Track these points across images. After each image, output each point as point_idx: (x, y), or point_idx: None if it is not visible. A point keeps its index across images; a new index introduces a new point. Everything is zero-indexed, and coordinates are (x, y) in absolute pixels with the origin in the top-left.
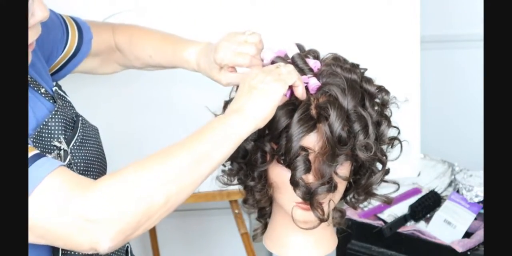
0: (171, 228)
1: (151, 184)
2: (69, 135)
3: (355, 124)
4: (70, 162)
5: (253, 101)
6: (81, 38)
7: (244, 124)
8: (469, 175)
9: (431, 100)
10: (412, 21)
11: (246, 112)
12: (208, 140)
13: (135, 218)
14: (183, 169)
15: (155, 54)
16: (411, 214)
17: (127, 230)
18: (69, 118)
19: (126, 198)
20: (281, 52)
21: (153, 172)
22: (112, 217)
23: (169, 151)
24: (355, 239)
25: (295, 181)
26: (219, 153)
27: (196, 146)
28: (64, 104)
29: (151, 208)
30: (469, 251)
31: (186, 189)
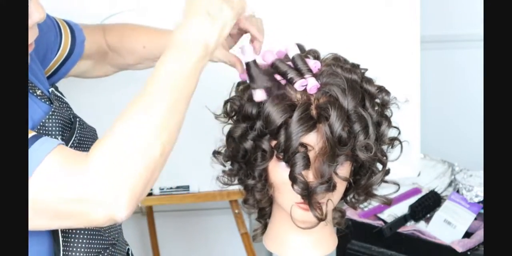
0: (171, 228)
1: (144, 139)
2: (67, 136)
3: (356, 124)
4: None
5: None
6: (74, 40)
7: (202, 54)
8: (469, 175)
9: (431, 100)
10: (412, 21)
11: (200, 42)
12: (178, 77)
13: (141, 178)
14: (168, 112)
15: (149, 43)
16: (411, 214)
17: (137, 192)
18: (66, 119)
19: (125, 161)
20: (281, 53)
21: (141, 126)
22: (119, 185)
23: (147, 98)
24: (355, 239)
25: (294, 176)
26: (190, 86)
27: (170, 86)
28: (61, 105)
29: (152, 162)
30: (469, 251)
31: (174, 131)
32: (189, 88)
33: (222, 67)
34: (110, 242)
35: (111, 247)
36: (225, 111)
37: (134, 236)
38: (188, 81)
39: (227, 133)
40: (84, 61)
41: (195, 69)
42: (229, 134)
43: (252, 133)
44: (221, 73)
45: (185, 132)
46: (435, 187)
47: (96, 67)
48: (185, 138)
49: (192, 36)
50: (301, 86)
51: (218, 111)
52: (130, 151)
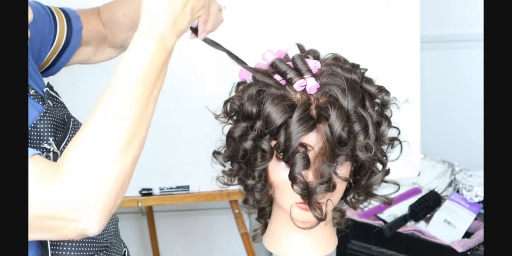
0: (171, 228)
1: (113, 151)
2: (59, 137)
3: (355, 124)
4: None
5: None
6: (70, 29)
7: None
8: (469, 175)
9: (431, 100)
10: (412, 21)
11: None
12: (141, 76)
13: (112, 191)
14: (138, 119)
15: (128, 10)
16: (411, 214)
17: (108, 206)
18: (60, 119)
19: (94, 174)
20: (281, 53)
21: (110, 136)
22: (89, 200)
23: (111, 106)
24: (355, 239)
25: (294, 176)
26: (158, 86)
27: (137, 89)
28: (55, 105)
29: (122, 173)
30: (469, 251)
31: (144, 137)
32: (159, 88)
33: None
34: (103, 245)
35: (105, 250)
36: (225, 111)
37: (134, 236)
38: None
39: (227, 133)
40: (85, 48)
41: (155, 64)
42: (229, 134)
43: (252, 133)
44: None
45: (185, 132)
46: (435, 187)
47: (98, 53)
48: (185, 138)
49: None
50: (300, 86)
51: (218, 111)
52: (100, 163)
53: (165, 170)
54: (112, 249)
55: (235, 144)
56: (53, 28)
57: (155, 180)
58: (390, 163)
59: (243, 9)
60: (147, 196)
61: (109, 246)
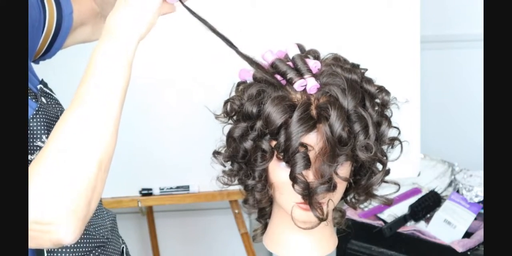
0: (171, 228)
1: (76, 160)
2: None
3: (356, 124)
4: None
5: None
6: (60, 14)
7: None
8: (469, 175)
9: (431, 100)
10: (412, 21)
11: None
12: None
13: (82, 199)
14: (101, 124)
15: None
16: (411, 214)
17: (80, 214)
18: (54, 116)
19: (61, 184)
20: (281, 53)
21: (75, 144)
22: (60, 211)
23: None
24: (355, 239)
25: (294, 176)
26: (122, 87)
27: (99, 92)
28: (49, 102)
29: (91, 180)
30: (469, 251)
31: (111, 141)
32: (123, 88)
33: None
34: (100, 241)
35: (102, 247)
36: (225, 111)
37: (134, 236)
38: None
39: (227, 133)
40: (81, 29)
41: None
42: (229, 134)
43: (252, 133)
44: (221, 73)
45: (185, 132)
46: (435, 187)
47: (96, 29)
48: (185, 138)
49: None
50: (300, 86)
51: (218, 111)
52: (66, 173)
53: (165, 170)
54: (109, 246)
55: (235, 144)
56: (42, 13)
57: (155, 180)
58: (390, 163)
59: (243, 9)
60: (147, 196)
61: (106, 242)
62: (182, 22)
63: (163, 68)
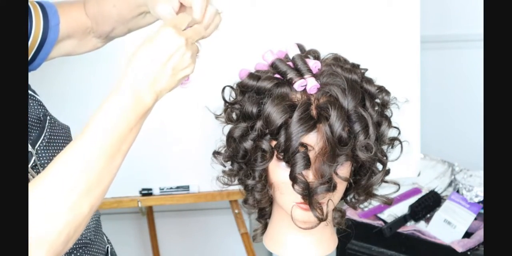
0: (171, 228)
1: (71, 198)
2: (34, 136)
3: (356, 124)
4: (35, 163)
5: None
6: (46, 24)
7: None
8: (469, 175)
9: (431, 100)
10: (412, 21)
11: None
12: (112, 130)
13: (61, 236)
14: (102, 170)
15: (118, 2)
16: (411, 214)
17: (55, 249)
18: (35, 118)
19: (47, 218)
20: (282, 53)
21: (71, 183)
22: (37, 242)
23: (78, 153)
24: (355, 239)
25: (294, 176)
26: (128, 141)
27: (106, 141)
28: (31, 103)
29: (77, 219)
30: (469, 251)
31: (106, 187)
32: (123, 139)
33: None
34: (82, 241)
35: (84, 247)
36: (227, 118)
37: (134, 236)
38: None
39: (227, 133)
40: (67, 42)
41: (128, 120)
42: (229, 134)
43: (253, 133)
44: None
45: (185, 132)
46: (435, 187)
47: (82, 44)
48: (185, 138)
49: None
50: (300, 86)
51: (218, 111)
52: (55, 208)
53: (165, 170)
54: (92, 246)
55: (235, 144)
56: (28, 23)
57: (155, 180)
58: (390, 163)
59: (243, 10)
60: (147, 196)
61: (89, 243)
62: None
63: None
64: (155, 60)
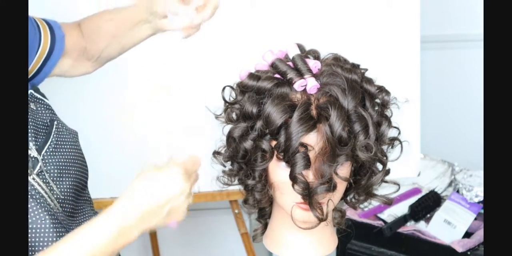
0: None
1: None
2: (40, 141)
3: (356, 124)
4: (41, 170)
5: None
6: (53, 37)
7: None
8: (469, 175)
9: (431, 100)
10: (412, 21)
11: None
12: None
13: None
14: None
15: (116, 15)
16: (411, 214)
17: None
18: (41, 123)
19: None
20: (282, 53)
21: None
22: None
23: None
24: (355, 239)
25: (294, 176)
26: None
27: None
28: (39, 108)
29: None
30: (469, 251)
31: None
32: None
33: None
34: None
35: None
36: (227, 118)
37: None
38: None
39: (227, 133)
40: (64, 59)
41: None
42: (229, 134)
43: (252, 133)
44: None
45: (185, 132)
46: (435, 187)
47: (76, 65)
48: (185, 138)
49: None
50: (300, 86)
51: (218, 111)
52: None
53: None
54: None
55: (235, 144)
56: (37, 35)
57: None
58: (390, 163)
59: (243, 10)
60: None
61: None
62: None
63: (163, 68)
64: (154, 198)
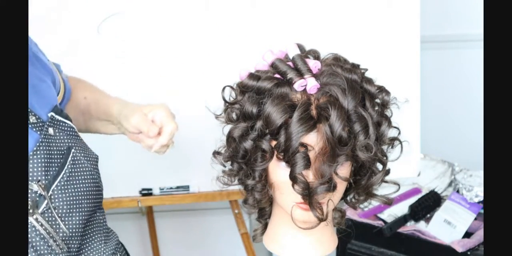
0: (171, 228)
1: None
2: (52, 174)
3: (356, 124)
4: (48, 207)
5: None
6: (65, 86)
7: None
8: (469, 175)
9: (431, 100)
10: (412, 21)
11: None
12: None
13: None
14: None
15: (90, 94)
16: (411, 214)
17: None
18: (57, 152)
19: None
20: (282, 53)
21: None
22: None
23: None
24: (355, 239)
25: (294, 176)
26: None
27: None
28: (57, 133)
29: None
30: (469, 251)
31: None
32: None
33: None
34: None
35: None
36: (227, 118)
37: (134, 236)
38: None
39: (227, 133)
40: None
41: None
42: (229, 134)
43: (252, 133)
44: (221, 73)
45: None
46: (435, 187)
47: None
48: (185, 138)
49: None
50: (300, 86)
51: (218, 111)
52: None
53: (165, 170)
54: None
55: (235, 144)
56: (58, 81)
57: (155, 180)
58: (390, 163)
59: (243, 10)
60: (147, 196)
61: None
62: (183, 22)
63: (163, 68)
64: None
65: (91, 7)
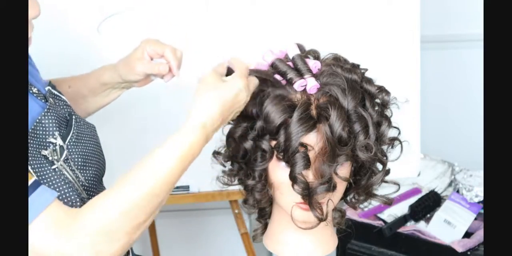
0: (171, 228)
1: (131, 225)
2: (63, 132)
3: (356, 124)
4: (67, 158)
5: None
6: None
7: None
8: (469, 175)
9: (431, 100)
10: (412, 21)
11: None
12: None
13: (121, 251)
14: (162, 198)
15: (73, 83)
16: (411, 214)
17: None
18: (62, 116)
19: (106, 241)
20: (282, 53)
21: (134, 212)
22: None
23: (145, 178)
24: (355, 239)
25: (294, 176)
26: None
27: (171, 170)
28: (57, 103)
29: (128, 244)
30: (469, 251)
31: (156, 214)
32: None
33: None
34: None
35: None
36: None
37: None
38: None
39: (227, 133)
40: None
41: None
42: (229, 134)
43: (252, 133)
44: None
45: None
46: (435, 187)
47: None
48: None
49: None
50: (300, 86)
51: None
52: (114, 232)
53: None
54: None
55: (235, 144)
56: None
57: None
58: (390, 163)
59: (243, 9)
60: None
61: None
62: (183, 22)
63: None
64: (225, 106)
65: (91, 7)
